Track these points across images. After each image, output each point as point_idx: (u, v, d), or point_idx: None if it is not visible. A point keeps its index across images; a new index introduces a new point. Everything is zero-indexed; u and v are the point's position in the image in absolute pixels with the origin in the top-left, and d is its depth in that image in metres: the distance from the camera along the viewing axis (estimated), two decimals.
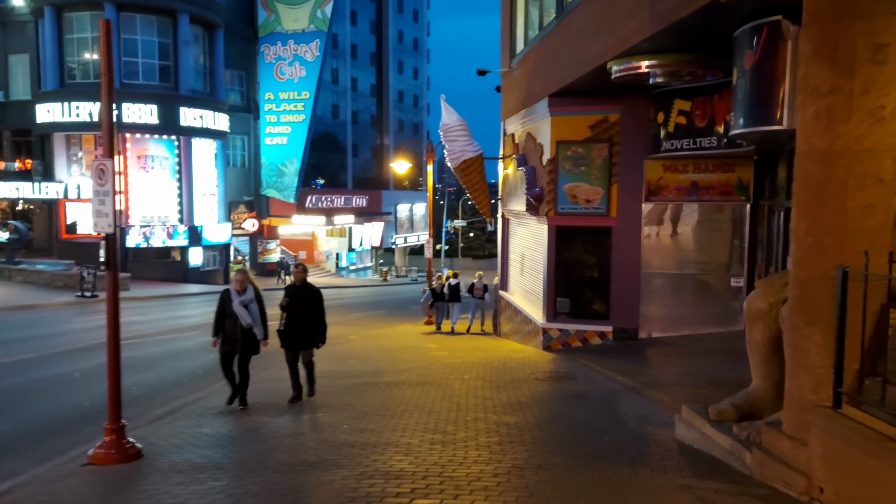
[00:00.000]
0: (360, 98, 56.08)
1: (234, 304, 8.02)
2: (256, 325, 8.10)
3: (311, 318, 8.40)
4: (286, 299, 8.34)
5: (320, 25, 40.92)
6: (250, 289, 8.23)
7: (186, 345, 14.81)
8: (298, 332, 8.39)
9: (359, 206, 49.91)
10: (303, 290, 8.42)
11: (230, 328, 8.09)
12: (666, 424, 6.34)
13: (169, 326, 18.16)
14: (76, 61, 32.91)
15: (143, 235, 32.60)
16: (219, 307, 8.21)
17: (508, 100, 15.00)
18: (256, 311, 8.14)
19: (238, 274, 8.40)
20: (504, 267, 15.87)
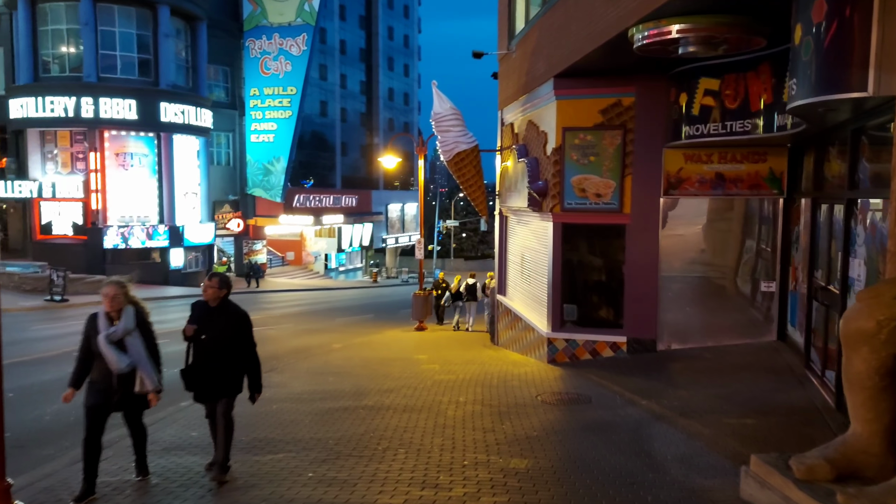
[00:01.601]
0: (350, 96, 54.66)
1: (99, 339, 5.22)
2: (144, 370, 5.35)
3: (229, 355, 5.72)
4: (191, 325, 5.72)
5: (307, 19, 39.53)
6: (129, 312, 5.39)
7: None
8: (211, 376, 5.72)
9: (348, 205, 48.52)
10: (219, 313, 5.73)
11: (100, 373, 5.32)
12: (718, 472, 5.04)
13: None
14: (51, 54, 31.42)
15: (121, 236, 31.16)
16: (83, 342, 5.40)
17: (506, 86, 13.68)
18: (141, 349, 5.36)
19: (109, 287, 5.37)
20: (502, 269, 14.55)
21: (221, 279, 5.87)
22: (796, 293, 9.03)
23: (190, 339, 5.78)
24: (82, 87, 30.31)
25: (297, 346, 15.76)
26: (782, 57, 7.57)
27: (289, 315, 23.55)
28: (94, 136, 30.67)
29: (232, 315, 5.81)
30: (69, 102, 30.22)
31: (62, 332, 16.81)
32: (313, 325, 20.26)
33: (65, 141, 32.07)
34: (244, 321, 5.85)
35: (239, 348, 5.81)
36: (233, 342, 5.75)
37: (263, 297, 32.49)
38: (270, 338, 17.31)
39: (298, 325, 20.37)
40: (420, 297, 19.19)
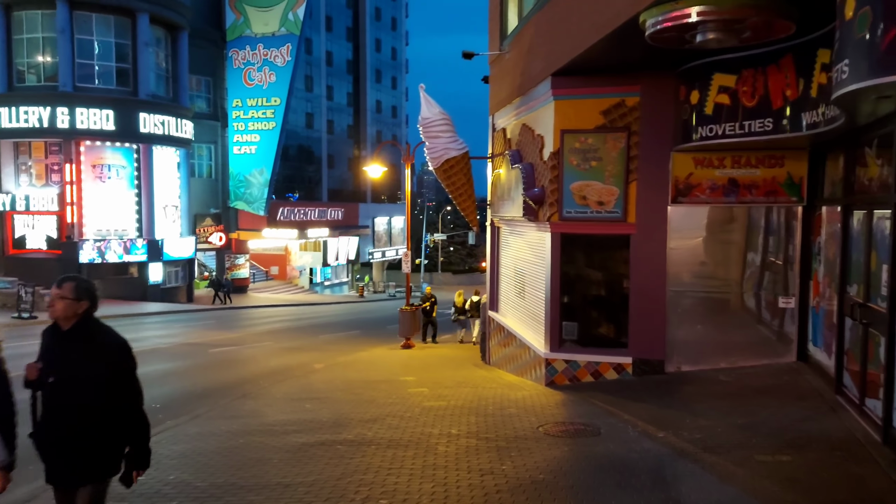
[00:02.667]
0: (337, 108, 53.94)
1: None
2: None
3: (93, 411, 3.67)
4: (38, 363, 3.81)
5: (292, 28, 38.77)
6: None
7: None
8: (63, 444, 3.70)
9: (334, 219, 47.57)
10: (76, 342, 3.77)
11: None
12: None
13: None
14: (25, 63, 30.41)
15: (97, 250, 30.05)
16: None
17: (498, 89, 12.90)
18: None
19: None
20: (494, 283, 13.68)
21: (78, 285, 3.79)
22: (820, 310, 8.23)
23: (32, 385, 3.77)
24: (58, 97, 29.30)
25: (276, 366, 14.79)
26: (808, 48, 6.84)
27: (270, 332, 22.55)
28: (70, 148, 29.63)
29: (98, 347, 3.74)
30: (44, 112, 29.20)
31: (20, 351, 15.72)
32: (295, 343, 19.28)
33: (39, 152, 30.96)
34: (120, 355, 3.78)
35: (111, 398, 3.68)
36: (98, 389, 3.64)
37: (244, 313, 31.43)
38: (248, 358, 16.34)
39: (279, 342, 19.39)
40: (407, 313, 18.29)
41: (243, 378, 12.91)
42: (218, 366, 14.84)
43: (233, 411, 8.86)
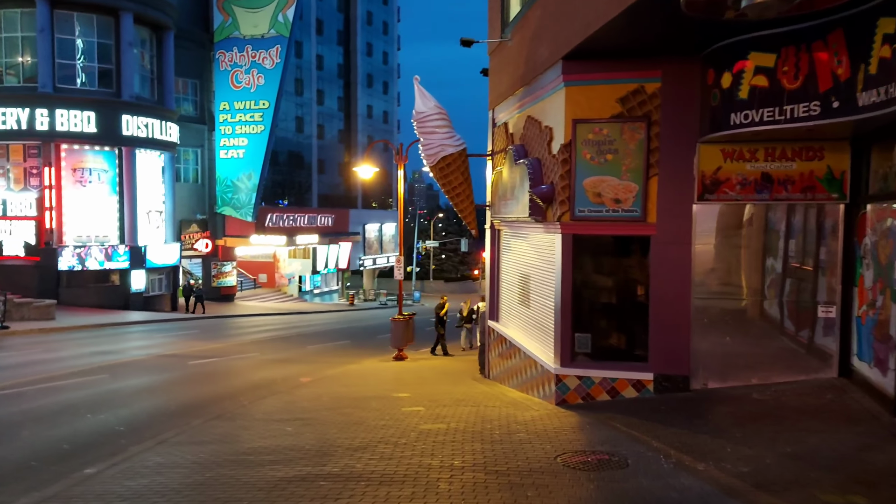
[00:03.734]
0: (327, 113, 52.97)
1: None
2: None
3: None
4: None
5: (281, 30, 37.86)
6: None
7: (80, 395, 11.29)
8: None
9: (324, 225, 46.52)
10: None
11: None
12: None
13: (78, 367, 14.57)
14: (4, 63, 29.27)
15: (77, 257, 28.92)
16: None
17: (499, 81, 11.97)
18: None
19: None
20: (494, 291, 12.71)
21: None
22: (868, 320, 7.31)
23: None
24: (37, 98, 28.21)
25: (260, 380, 13.75)
26: (864, 19, 5.94)
27: (255, 342, 21.47)
28: (49, 151, 28.54)
29: None
30: (22, 114, 28.16)
31: None
32: (281, 354, 18.23)
33: (17, 155, 29.79)
34: None
35: None
36: None
37: (230, 322, 30.31)
38: (229, 370, 15.29)
39: (265, 353, 18.34)
40: (400, 323, 17.28)
41: (222, 394, 11.87)
42: (196, 380, 13.78)
43: (204, 435, 7.84)
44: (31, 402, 10.46)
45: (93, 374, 13.41)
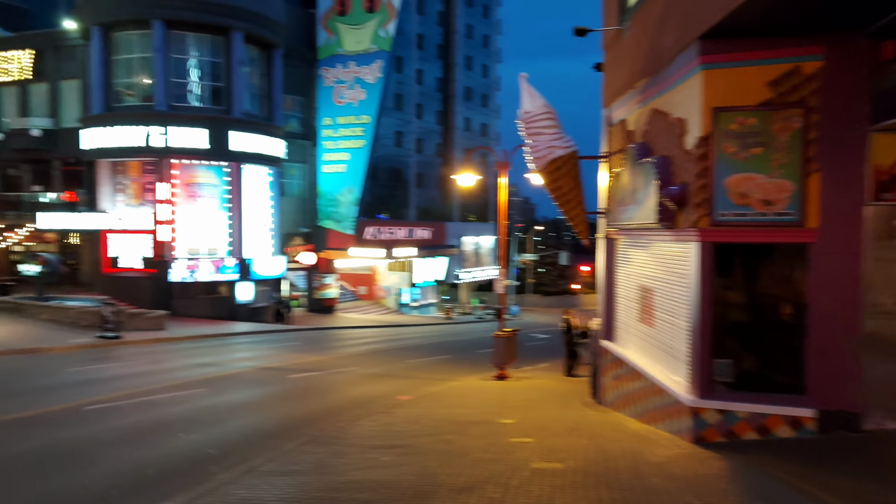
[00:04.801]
0: (426, 127, 53.00)
1: None
2: None
3: None
4: None
5: (383, 45, 38.06)
6: None
7: (176, 412, 11.02)
8: None
9: (422, 238, 46.33)
10: None
11: None
12: None
13: (179, 379, 14.53)
14: (123, 84, 30.81)
15: (188, 269, 29.83)
16: None
17: (616, 75, 10.87)
18: None
19: None
20: (608, 307, 11.52)
21: None
22: None
23: None
24: (153, 116, 29.44)
25: (358, 396, 13.17)
26: None
27: (355, 355, 21.10)
28: (164, 167, 29.67)
29: None
30: (139, 132, 29.39)
31: (94, 376, 14.83)
32: (381, 369, 17.68)
33: (135, 171, 31.27)
34: None
35: None
36: None
37: (331, 334, 30.33)
38: (328, 386, 14.82)
39: (364, 367, 17.84)
40: (503, 339, 16.30)
41: (319, 412, 11.32)
42: (295, 395, 13.37)
43: (296, 462, 7.17)
44: (126, 419, 10.25)
45: (192, 388, 13.24)
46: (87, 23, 30.27)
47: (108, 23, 29.99)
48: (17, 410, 10.64)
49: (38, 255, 27.88)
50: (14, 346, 18.50)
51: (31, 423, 9.87)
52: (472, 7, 59.62)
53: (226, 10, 30.29)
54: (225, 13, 30.31)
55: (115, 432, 9.39)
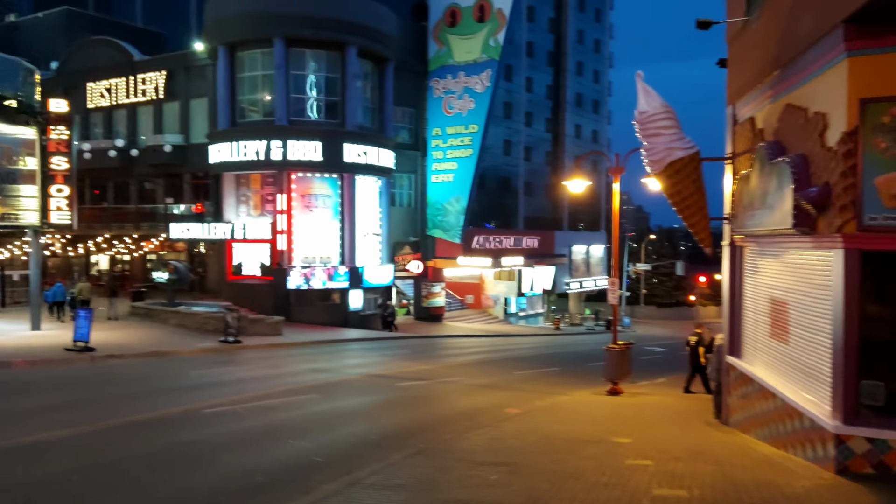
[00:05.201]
0: (535, 135, 52.46)
1: None
2: None
3: None
4: None
5: (492, 54, 38.01)
6: None
7: (288, 417, 11.23)
8: None
9: (529, 247, 45.75)
10: None
11: None
12: None
13: (293, 384, 14.90)
14: (247, 100, 32.45)
15: (303, 277, 30.85)
16: None
17: (742, 69, 10.08)
18: None
19: None
20: (734, 320, 10.67)
21: None
22: None
23: None
24: (273, 131, 30.74)
25: (465, 407, 12.96)
26: None
27: (463, 365, 20.95)
28: (282, 178, 30.90)
29: None
30: (260, 146, 30.74)
31: (214, 379, 15.50)
32: (488, 379, 17.40)
33: (256, 184, 32.77)
34: None
35: None
36: None
37: (439, 342, 30.42)
38: (436, 395, 14.72)
39: (472, 377, 17.63)
40: (615, 353, 15.57)
41: (425, 422, 11.19)
42: (402, 404, 13.35)
43: (400, 476, 7.02)
44: (240, 423, 10.54)
45: (305, 394, 13.50)
46: (215, 43, 32.12)
47: (233, 43, 31.67)
48: (145, 411, 11.20)
49: (169, 263, 29.78)
50: (145, 350, 19.72)
51: (155, 425, 10.34)
52: (584, 12, 58.55)
53: (342, 25, 31.24)
54: (341, 29, 31.27)
55: (229, 436, 9.65)
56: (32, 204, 21.36)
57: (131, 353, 18.83)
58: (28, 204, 21.26)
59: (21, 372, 15.60)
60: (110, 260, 40.40)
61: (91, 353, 17.93)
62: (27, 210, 21.26)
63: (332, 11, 31.22)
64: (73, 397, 12.74)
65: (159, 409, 11.32)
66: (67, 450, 8.59)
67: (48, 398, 12.61)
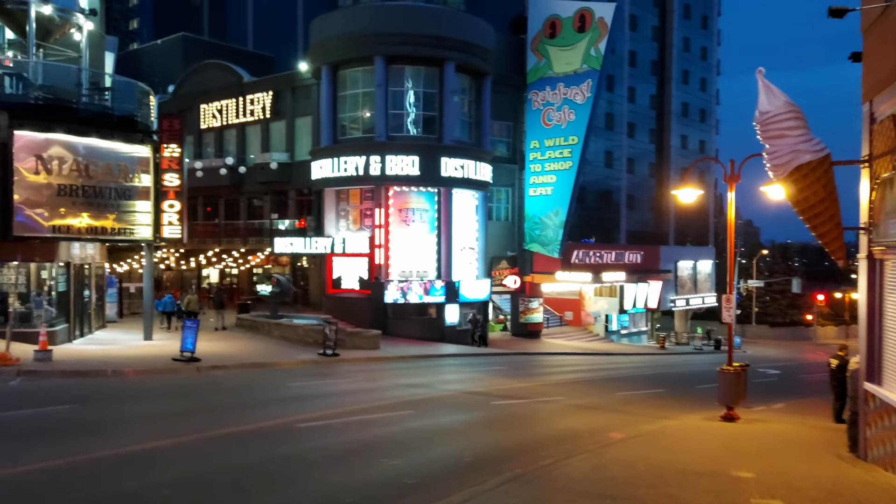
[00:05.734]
0: (638, 146, 50.78)
1: None
2: None
3: None
4: None
5: (593, 64, 37.04)
6: None
7: (382, 434, 10.94)
8: None
9: (632, 262, 44.08)
10: None
11: None
12: None
13: (388, 399, 14.69)
14: (348, 117, 33.14)
15: (400, 291, 30.94)
16: None
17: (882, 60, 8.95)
18: None
19: None
20: (873, 343, 9.45)
21: None
22: None
23: None
24: (372, 147, 31.16)
25: (564, 430, 12.26)
26: None
27: (561, 384, 20.16)
28: (381, 193, 31.22)
29: None
30: (360, 161, 31.21)
31: (311, 392, 15.54)
32: (588, 400, 16.57)
33: (355, 199, 33.29)
34: None
35: None
36: None
37: (536, 360, 29.64)
38: (532, 415, 14.08)
39: (571, 397, 16.84)
40: (730, 375, 14.36)
41: (522, 445, 10.60)
42: (497, 424, 12.81)
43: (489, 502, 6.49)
44: (334, 438, 10.34)
45: (399, 409, 13.24)
46: (318, 63, 33.04)
47: (335, 62, 32.47)
48: (243, 423, 11.26)
49: (272, 276, 30.63)
50: (247, 361, 20.19)
51: (251, 437, 10.33)
52: (690, 19, 56.38)
53: (441, 41, 31.37)
54: (440, 45, 31.40)
55: (322, 452, 9.45)
56: (146, 219, 22.44)
57: (234, 364, 19.30)
58: (142, 219, 22.35)
59: (131, 381, 16.25)
60: (220, 273, 42.26)
61: (196, 363, 18.50)
62: (141, 225, 22.35)
63: (432, 28, 31.42)
64: (175, 407, 13.05)
65: (256, 422, 11.34)
66: (163, 461, 8.65)
67: (151, 407, 13.00)
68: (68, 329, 21.62)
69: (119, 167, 21.66)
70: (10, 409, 11.84)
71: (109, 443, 9.35)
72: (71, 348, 20.34)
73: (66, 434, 10.01)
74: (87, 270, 23.79)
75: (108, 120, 21.86)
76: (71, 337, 21.81)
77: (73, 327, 22.03)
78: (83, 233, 20.88)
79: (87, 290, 23.86)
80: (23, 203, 19.70)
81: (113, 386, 15.12)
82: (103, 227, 21.27)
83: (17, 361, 16.06)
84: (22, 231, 19.65)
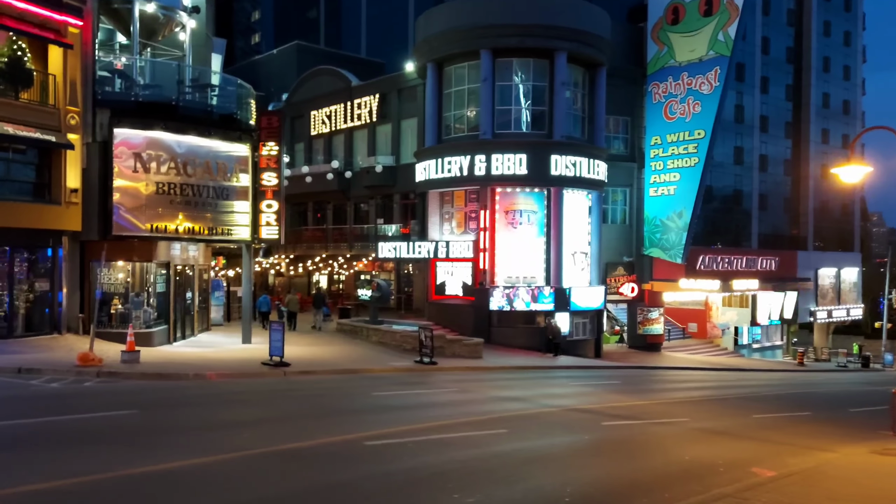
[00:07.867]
0: (771, 140, 46.16)
1: None
2: None
3: None
4: None
5: (722, 50, 33.62)
6: None
7: (462, 458, 9.14)
8: None
9: (765, 269, 39.82)
10: None
11: None
12: None
13: (479, 414, 12.89)
14: (452, 116, 31.75)
15: (506, 297, 29.06)
16: None
17: None
18: None
19: None
20: None
21: None
22: None
23: None
24: (476, 145, 29.58)
25: (691, 462, 9.98)
26: None
27: (684, 403, 17.53)
28: (486, 194, 29.55)
29: None
30: (464, 161, 29.71)
31: (395, 402, 14.01)
32: (719, 423, 14.01)
33: (459, 201, 31.82)
34: None
35: None
36: None
37: (656, 374, 26.79)
38: (650, 440, 11.81)
39: (697, 419, 14.33)
40: None
41: (638, 480, 8.49)
42: (606, 451, 10.69)
43: None
44: (401, 462, 8.67)
45: (490, 427, 11.41)
46: (423, 61, 31.90)
47: (440, 59, 31.18)
48: (306, 437, 9.86)
49: (372, 280, 29.70)
50: (339, 366, 19.08)
51: (309, 455, 8.89)
52: (830, 1, 50.94)
53: (550, 31, 29.34)
54: (549, 34, 29.37)
55: (381, 480, 7.80)
56: (244, 219, 21.99)
57: (323, 370, 18.21)
58: (240, 219, 21.92)
59: (210, 385, 15.38)
60: (328, 278, 42.19)
61: (285, 367, 17.56)
62: (239, 225, 21.91)
63: (540, 17, 29.42)
64: (242, 415, 11.90)
65: (321, 437, 9.90)
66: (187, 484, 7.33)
67: (215, 415, 11.91)
68: (168, 331, 21.45)
69: (217, 166, 21.30)
70: (56, 414, 10.87)
71: (143, 458, 8.13)
72: (166, 350, 20.04)
73: (99, 445, 8.90)
74: (190, 272, 23.70)
75: (208, 117, 21.62)
76: (170, 339, 21.63)
77: (173, 329, 21.86)
78: (180, 233, 20.63)
79: (189, 291, 23.78)
80: (121, 202, 19.66)
81: (189, 390, 14.28)
82: (201, 227, 20.96)
83: (99, 362, 15.66)
84: (120, 231, 19.60)
